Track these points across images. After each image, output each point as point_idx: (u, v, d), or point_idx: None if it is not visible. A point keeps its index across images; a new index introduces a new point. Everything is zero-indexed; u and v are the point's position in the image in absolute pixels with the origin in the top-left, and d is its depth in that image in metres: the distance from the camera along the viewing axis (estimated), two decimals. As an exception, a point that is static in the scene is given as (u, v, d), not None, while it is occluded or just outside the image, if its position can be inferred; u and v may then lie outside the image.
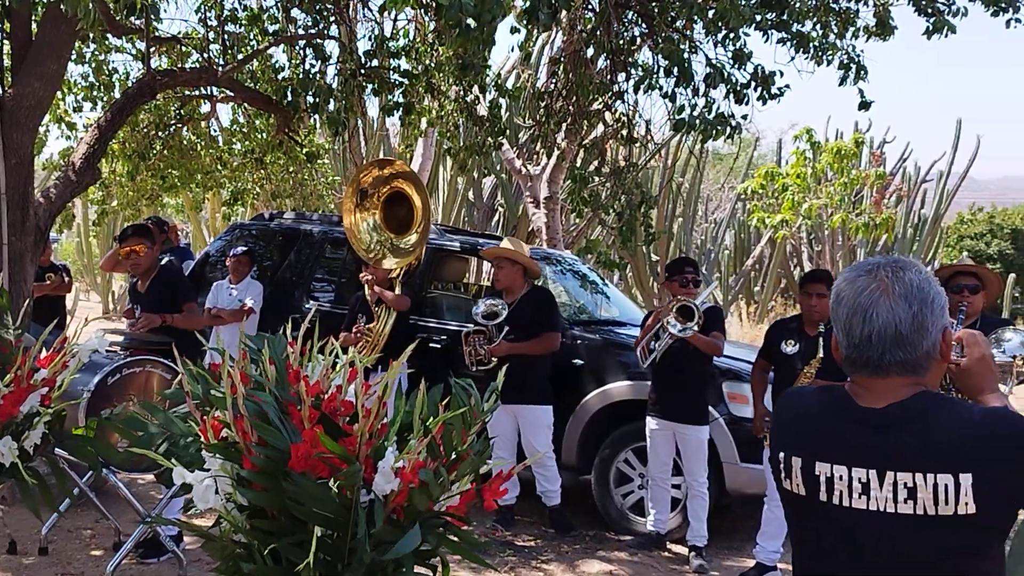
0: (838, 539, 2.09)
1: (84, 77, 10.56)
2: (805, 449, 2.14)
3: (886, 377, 2.09)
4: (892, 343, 2.07)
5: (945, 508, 1.95)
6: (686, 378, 6.66)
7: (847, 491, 2.06)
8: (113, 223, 19.68)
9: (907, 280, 2.09)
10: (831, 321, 2.21)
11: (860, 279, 2.13)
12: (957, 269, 6.23)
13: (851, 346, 2.13)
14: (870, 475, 2.03)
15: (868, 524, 2.04)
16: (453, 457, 3.47)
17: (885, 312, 2.07)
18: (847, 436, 2.08)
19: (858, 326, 2.10)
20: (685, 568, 6.59)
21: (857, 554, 2.07)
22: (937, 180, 25.22)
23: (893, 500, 2.00)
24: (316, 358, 3.94)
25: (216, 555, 3.50)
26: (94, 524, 6.65)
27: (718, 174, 36.82)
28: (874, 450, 2.04)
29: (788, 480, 2.18)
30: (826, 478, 2.09)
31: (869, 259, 2.21)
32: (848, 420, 2.10)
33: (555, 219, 11.58)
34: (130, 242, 6.53)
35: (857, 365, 2.13)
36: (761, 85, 7.86)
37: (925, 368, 2.09)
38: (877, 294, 2.09)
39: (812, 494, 2.12)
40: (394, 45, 9.55)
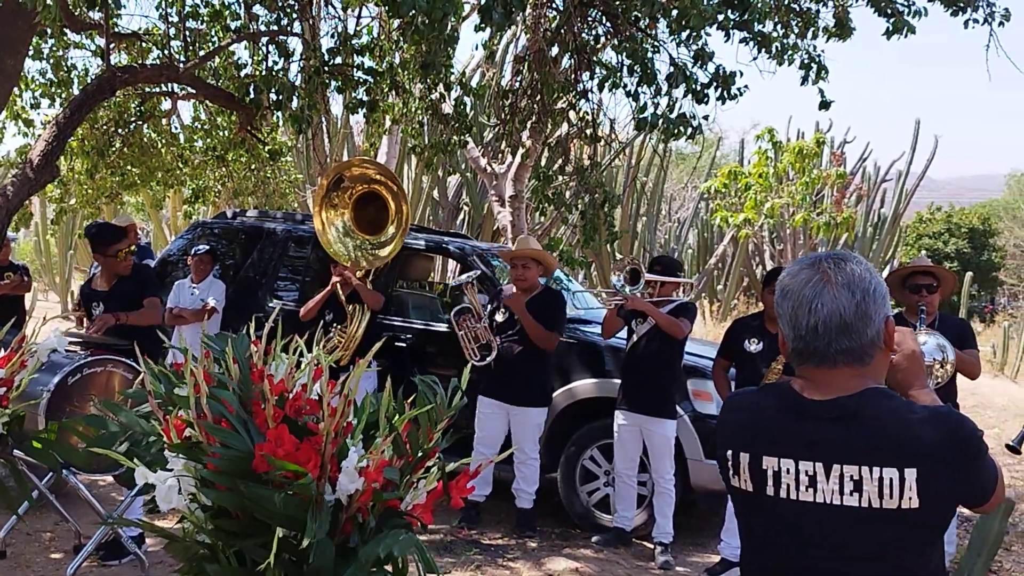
0: (785, 532, 2.11)
1: (42, 73, 10.43)
2: (752, 444, 2.16)
3: (833, 368, 2.11)
4: (838, 332, 2.09)
5: (889, 501, 1.99)
6: (655, 372, 6.68)
7: (794, 484, 2.08)
8: (72, 222, 19.47)
9: (849, 270, 2.13)
10: (779, 319, 2.22)
11: (803, 272, 2.16)
12: (914, 269, 6.30)
13: (798, 337, 2.15)
14: (817, 468, 2.06)
15: (814, 517, 2.06)
16: (419, 455, 3.44)
17: (830, 302, 2.10)
18: (794, 430, 2.11)
19: (804, 317, 2.12)
20: (651, 564, 6.60)
21: (803, 547, 2.09)
22: (896, 180, 25.46)
23: (839, 493, 2.03)
24: (280, 356, 3.90)
25: (179, 556, 3.46)
26: (54, 527, 6.56)
27: (681, 174, 36.96)
28: (821, 443, 2.06)
29: (736, 476, 2.19)
30: (773, 472, 2.11)
31: (811, 254, 2.25)
32: (795, 414, 2.12)
33: (520, 218, 11.55)
34: (122, 245, 6.42)
35: (804, 356, 2.15)
36: (721, 85, 7.89)
37: (871, 356, 2.12)
38: (821, 285, 2.12)
39: (759, 489, 2.13)
40: (358, 43, 9.50)
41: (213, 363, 3.76)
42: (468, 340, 7.12)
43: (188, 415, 3.40)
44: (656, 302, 6.74)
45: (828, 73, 8.75)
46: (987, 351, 23.01)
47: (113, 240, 6.42)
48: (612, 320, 6.90)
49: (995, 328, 24.91)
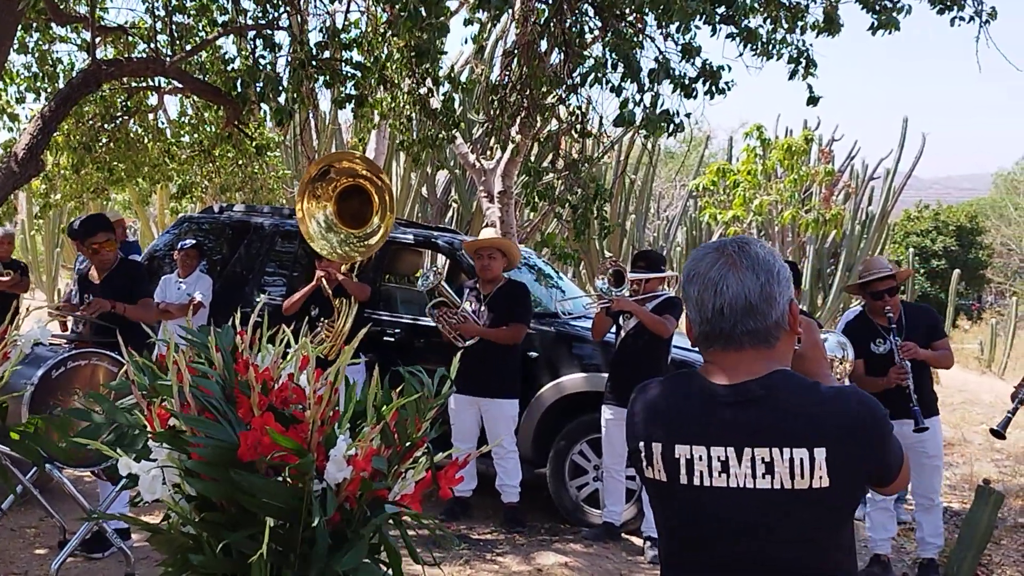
0: (701, 519, 2.10)
1: (27, 67, 10.34)
2: (663, 434, 2.15)
3: (740, 350, 2.11)
4: (743, 313, 2.09)
5: (801, 482, 2.00)
6: (643, 367, 6.64)
7: (707, 471, 2.07)
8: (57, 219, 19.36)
9: (752, 253, 2.14)
10: (685, 304, 2.23)
11: (708, 256, 2.17)
12: (872, 278, 6.36)
13: (704, 321, 2.14)
14: (728, 453, 2.05)
15: (729, 502, 2.05)
16: (408, 445, 3.40)
17: (735, 284, 2.10)
18: (703, 416, 2.10)
19: (709, 300, 2.12)
20: (640, 558, 6.59)
21: (720, 533, 2.08)
22: (884, 178, 25.48)
23: (752, 476, 2.03)
24: (266, 348, 3.86)
25: (163, 549, 3.41)
26: (38, 523, 6.53)
27: (670, 172, 36.99)
28: (731, 427, 2.06)
29: (649, 467, 2.17)
30: (686, 460, 2.10)
31: (712, 241, 2.26)
32: (703, 400, 2.12)
33: (509, 213, 11.51)
34: (98, 237, 6.36)
35: (710, 339, 2.14)
36: (709, 80, 7.87)
37: (776, 338, 2.13)
38: (726, 268, 2.12)
39: (673, 478, 2.12)
40: (346, 37, 9.44)
41: (196, 356, 3.72)
42: (447, 329, 7.12)
43: (172, 404, 3.35)
44: (642, 299, 6.74)
45: (817, 67, 8.73)
46: (974, 348, 23.11)
47: (87, 233, 6.37)
48: (601, 321, 6.93)
49: (982, 325, 24.98)
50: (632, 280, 6.76)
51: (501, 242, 7.48)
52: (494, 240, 7.45)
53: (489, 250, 7.23)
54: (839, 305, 21.79)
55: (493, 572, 6.14)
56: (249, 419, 3.19)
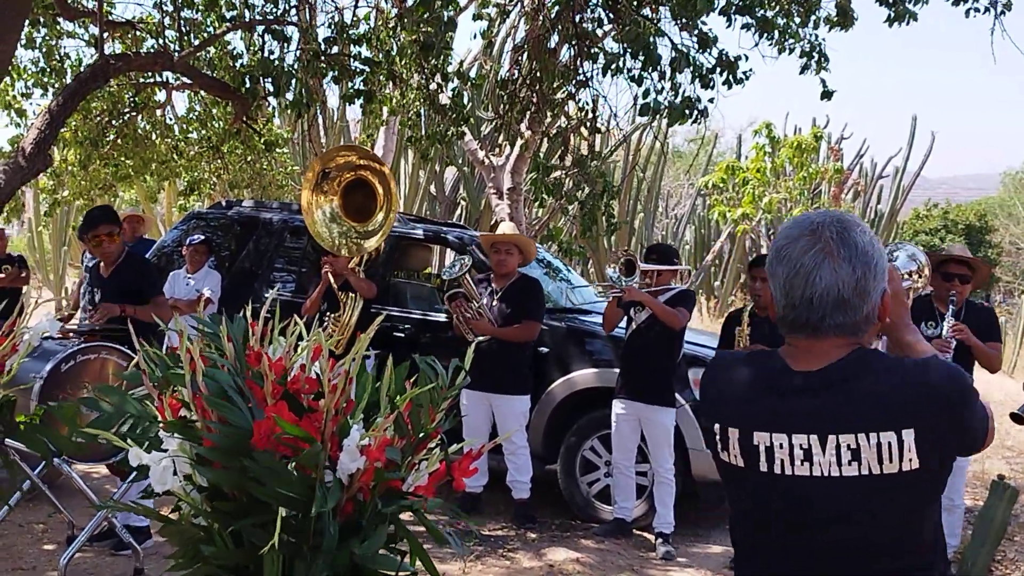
0: (782, 508, 2.03)
1: (34, 63, 10.33)
2: (741, 419, 2.07)
3: (824, 339, 2.03)
4: (834, 307, 2.00)
5: (890, 466, 1.92)
6: (653, 360, 6.63)
7: (788, 459, 1.99)
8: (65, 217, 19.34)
9: (852, 242, 2.02)
10: (771, 280, 2.11)
11: (804, 238, 2.05)
12: (951, 257, 6.19)
13: (790, 307, 2.05)
14: (811, 440, 1.97)
15: (813, 490, 1.98)
16: (421, 436, 3.36)
17: (828, 276, 2.00)
18: (784, 403, 2.02)
19: (799, 287, 2.02)
20: (651, 555, 6.54)
21: (802, 521, 2.01)
22: (893, 176, 25.43)
23: (837, 463, 1.95)
24: (277, 340, 3.81)
25: (174, 541, 3.37)
26: (47, 519, 6.50)
27: (678, 171, 36.93)
28: (813, 415, 1.98)
29: (725, 452, 2.09)
30: (765, 448, 2.01)
31: (810, 215, 2.11)
32: (784, 386, 2.03)
33: (518, 210, 11.47)
34: (100, 229, 6.30)
35: (795, 327, 2.06)
36: (726, 70, 7.82)
37: (863, 331, 2.04)
38: (821, 256, 2.01)
39: (751, 465, 2.04)
40: (355, 33, 9.41)
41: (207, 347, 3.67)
42: (461, 322, 7.06)
43: (183, 394, 3.31)
44: (654, 292, 6.69)
45: (829, 61, 8.68)
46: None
47: (89, 225, 6.31)
48: (612, 312, 6.87)
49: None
50: (644, 272, 6.70)
51: (518, 238, 7.43)
52: (512, 236, 7.41)
53: (506, 245, 7.19)
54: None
55: (504, 568, 6.09)
56: (263, 407, 3.15)
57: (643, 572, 6.20)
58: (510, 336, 6.98)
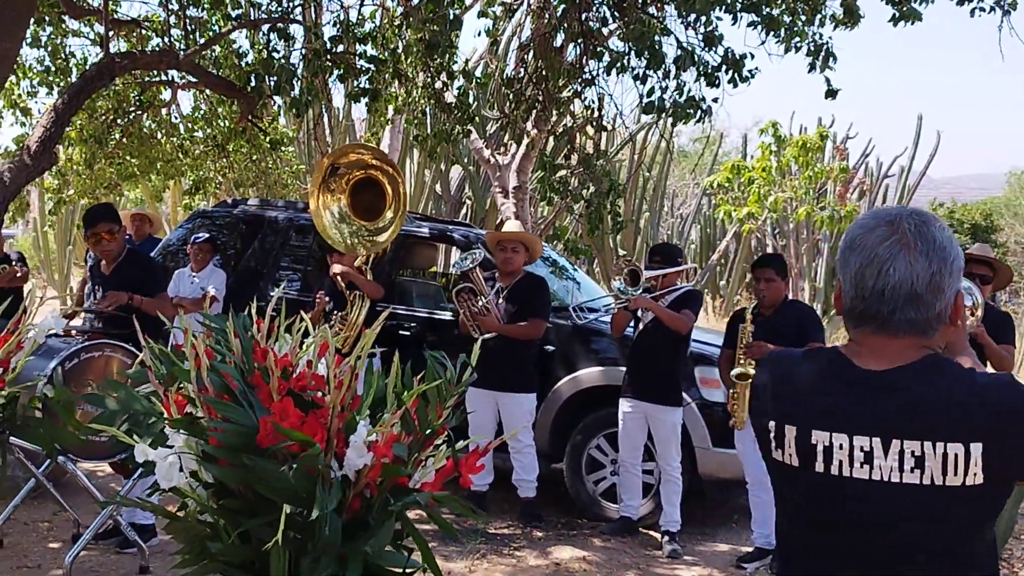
0: (835, 511, 1.95)
1: (40, 61, 10.32)
2: (799, 416, 1.99)
3: (893, 337, 1.95)
4: (905, 301, 1.93)
5: (953, 479, 1.83)
6: (661, 359, 6.61)
7: (847, 460, 1.91)
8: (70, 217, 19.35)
9: (930, 237, 1.94)
10: (841, 271, 2.03)
11: (879, 228, 1.97)
12: (972, 257, 6.14)
13: (860, 298, 1.97)
14: (873, 443, 1.89)
15: (870, 495, 1.90)
16: (428, 432, 3.34)
17: (903, 268, 1.92)
18: (847, 401, 1.94)
19: (871, 278, 1.95)
20: (658, 553, 6.52)
21: (854, 525, 1.93)
22: (898, 176, 25.38)
23: (899, 469, 1.86)
24: (283, 337, 3.80)
25: (180, 538, 3.36)
26: (51, 517, 6.48)
27: (683, 171, 36.91)
28: (878, 416, 1.90)
29: (780, 450, 2.03)
30: (824, 447, 1.94)
31: (888, 207, 2.06)
32: (848, 384, 1.95)
33: (524, 209, 11.47)
34: (99, 227, 6.27)
35: (863, 319, 1.98)
36: (732, 68, 7.79)
37: (934, 330, 1.96)
38: (897, 248, 1.94)
39: (807, 464, 1.97)
40: (360, 31, 9.40)
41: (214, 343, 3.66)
42: (468, 317, 7.03)
43: (189, 390, 3.29)
44: (660, 293, 6.68)
45: (836, 60, 8.64)
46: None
47: (89, 222, 6.27)
48: (620, 317, 6.86)
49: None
50: (649, 277, 6.69)
51: (525, 236, 7.41)
52: (518, 233, 7.39)
53: (513, 243, 7.17)
54: (853, 303, 21.69)
55: (510, 566, 6.08)
56: (268, 404, 3.13)
57: (649, 571, 6.18)
58: (516, 333, 6.96)
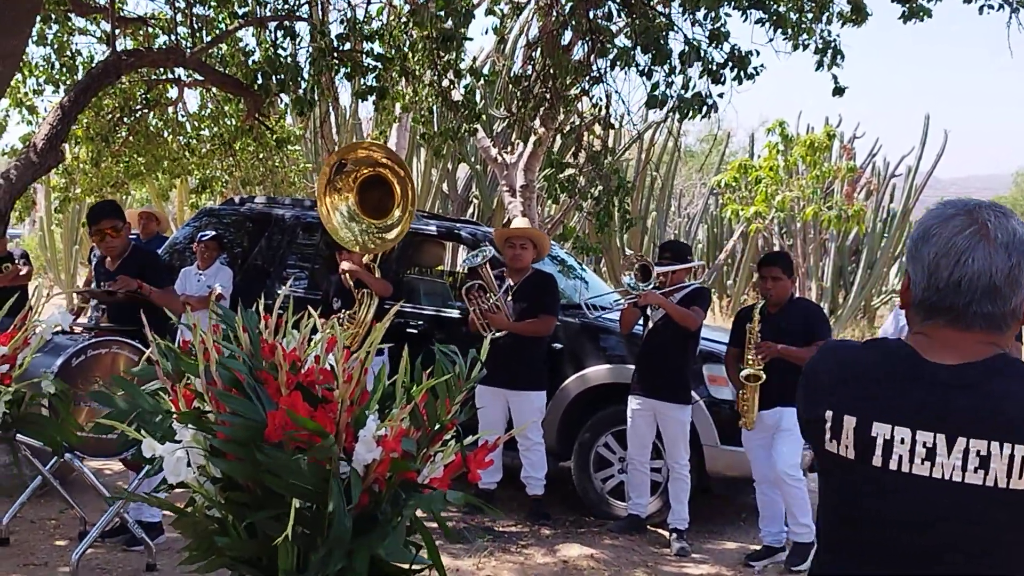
0: (889, 507, 1.87)
1: (46, 59, 10.30)
2: (861, 407, 1.91)
3: (966, 331, 1.88)
4: (983, 294, 1.86)
5: (1019, 482, 1.76)
6: (670, 357, 6.60)
7: (908, 455, 1.83)
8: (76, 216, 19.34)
9: (1011, 228, 1.87)
10: (912, 262, 1.96)
11: (957, 218, 1.91)
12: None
13: (933, 289, 1.90)
14: (937, 439, 1.81)
15: (928, 492, 1.82)
16: (437, 428, 3.32)
17: (982, 259, 1.85)
18: (913, 394, 1.86)
19: (947, 269, 1.88)
20: (666, 551, 6.50)
21: (909, 523, 1.86)
22: (905, 175, 25.31)
23: (962, 468, 1.79)
24: (291, 333, 3.78)
25: (188, 533, 3.34)
26: (59, 514, 6.47)
27: (690, 170, 36.84)
28: (944, 412, 1.82)
29: (835, 442, 1.94)
30: (884, 440, 1.85)
31: (961, 199, 1.98)
32: (915, 377, 1.87)
33: (531, 208, 11.44)
34: (103, 224, 6.24)
35: (936, 311, 1.91)
36: (737, 65, 7.77)
37: (1008, 326, 1.89)
38: (976, 238, 1.87)
39: (864, 457, 1.89)
40: (367, 29, 9.38)
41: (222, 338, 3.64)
42: (478, 315, 7.00)
43: (197, 385, 3.27)
44: (669, 290, 6.66)
45: (844, 58, 8.61)
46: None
47: (93, 219, 6.23)
48: (629, 314, 6.85)
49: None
50: (659, 273, 6.66)
51: (533, 232, 7.40)
52: (527, 230, 7.37)
53: (521, 239, 7.14)
54: (860, 303, 21.63)
55: (518, 564, 6.05)
56: (277, 399, 3.11)
57: (658, 568, 6.15)
58: (526, 330, 6.93)
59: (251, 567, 3.15)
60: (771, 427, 6.22)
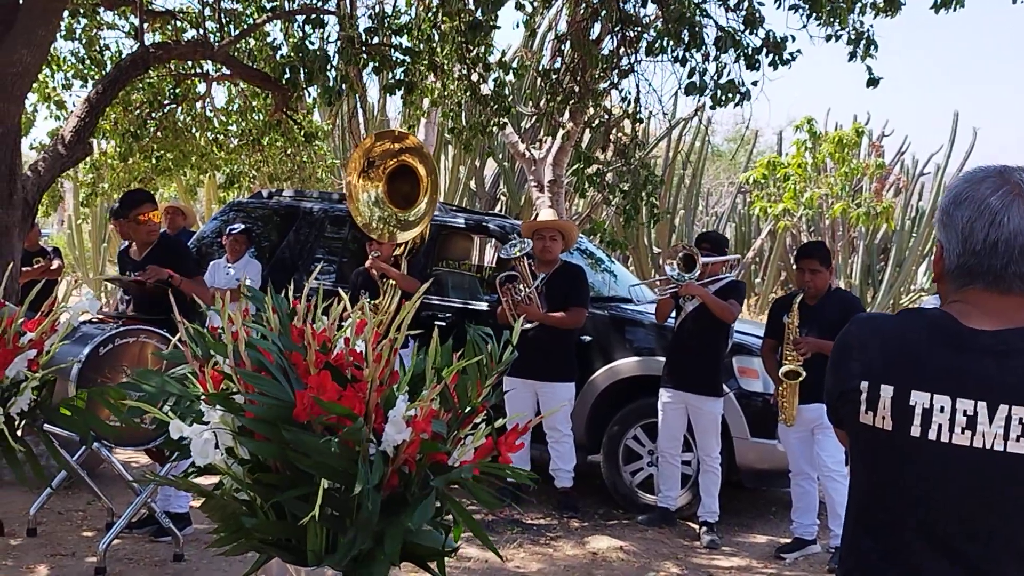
0: (926, 478, 1.81)
1: (74, 54, 10.33)
2: (898, 376, 1.84)
3: (1006, 294, 1.83)
4: (1020, 253, 1.81)
5: None
6: (702, 349, 6.55)
7: (947, 424, 1.77)
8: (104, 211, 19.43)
9: None
10: (944, 229, 1.91)
11: (989, 180, 1.86)
12: None
13: (969, 253, 1.85)
14: (979, 407, 1.75)
15: (968, 462, 1.76)
16: (467, 410, 3.27)
17: (1017, 218, 1.81)
18: (952, 361, 1.80)
19: (982, 230, 1.83)
20: (696, 544, 6.44)
21: (946, 496, 1.79)
22: (934, 174, 25.12)
23: (1004, 437, 1.73)
24: (320, 319, 3.74)
25: (215, 515, 3.30)
26: (86, 506, 6.48)
27: (718, 170, 36.71)
28: (985, 379, 1.76)
29: (871, 413, 1.87)
30: (923, 409, 1.79)
31: (991, 165, 1.93)
32: (954, 344, 1.82)
33: (559, 203, 11.41)
34: (143, 209, 6.21)
35: (973, 275, 1.86)
36: (772, 51, 7.69)
37: None
38: (1010, 198, 1.82)
39: (901, 428, 1.82)
40: (395, 23, 9.36)
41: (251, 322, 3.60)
42: (510, 306, 6.94)
43: (225, 366, 3.23)
44: (704, 282, 6.59)
45: (877, 48, 8.51)
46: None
47: (132, 204, 6.20)
48: (665, 304, 6.80)
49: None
50: (703, 262, 6.59)
51: (562, 224, 7.37)
52: (556, 221, 7.33)
53: (551, 231, 7.09)
54: (888, 302, 21.46)
55: (547, 556, 6.01)
56: (306, 379, 3.06)
57: (688, 561, 6.09)
58: (559, 322, 6.87)
59: (279, 549, 3.11)
60: (810, 421, 6.13)
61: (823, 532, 6.38)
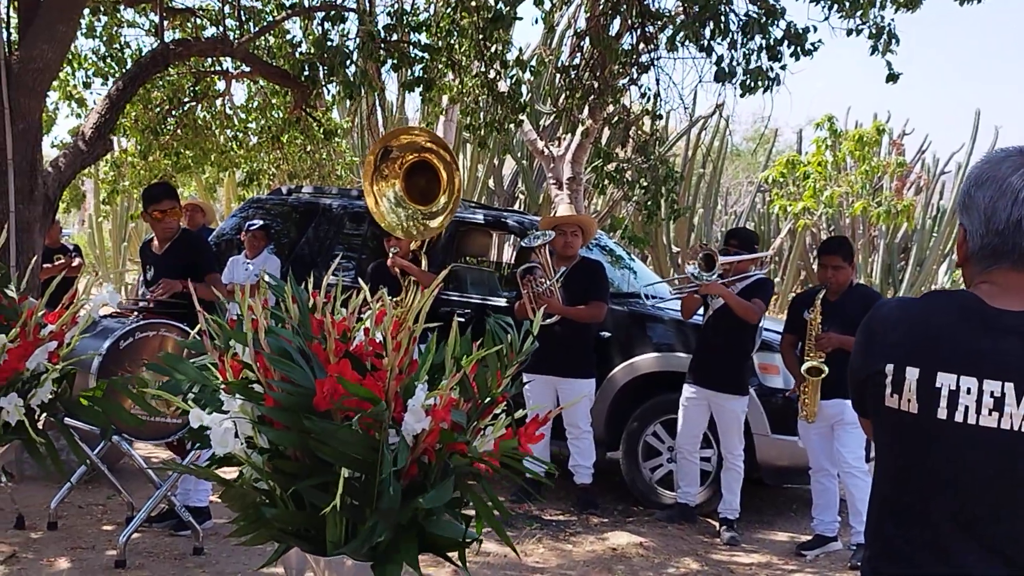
0: (953, 461, 1.79)
1: (95, 52, 10.37)
2: (924, 358, 1.82)
3: None
4: None
5: None
6: (728, 347, 6.50)
7: (975, 406, 1.75)
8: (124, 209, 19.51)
9: None
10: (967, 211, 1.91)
11: (1011, 159, 1.85)
12: None
13: (992, 232, 1.84)
14: (1006, 388, 1.73)
15: (995, 444, 1.74)
16: (487, 400, 3.25)
17: None
18: (978, 342, 1.78)
19: (1005, 209, 1.82)
20: (716, 540, 6.41)
21: (974, 478, 1.77)
22: (955, 172, 24.99)
23: None
24: (340, 311, 3.73)
25: (235, 505, 3.29)
26: (106, 500, 6.50)
27: (736, 169, 36.61)
28: (1012, 360, 1.75)
29: (896, 396, 1.85)
30: (950, 391, 1.77)
31: (1013, 146, 1.91)
32: (980, 325, 1.80)
33: (578, 200, 11.39)
34: (162, 204, 6.20)
35: (998, 255, 1.84)
36: (794, 41, 7.67)
37: None
38: None
39: (928, 410, 1.80)
40: (414, 20, 9.36)
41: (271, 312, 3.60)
42: (530, 298, 6.92)
43: (244, 354, 3.23)
44: (732, 280, 6.55)
45: (899, 43, 8.46)
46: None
47: (152, 199, 6.21)
48: (691, 301, 6.73)
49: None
50: (723, 263, 6.55)
51: (583, 218, 7.35)
52: (576, 216, 7.32)
53: (571, 227, 7.07)
54: (910, 301, 21.37)
55: (566, 552, 5.99)
56: (325, 367, 3.06)
57: (707, 557, 6.06)
58: (579, 316, 6.85)
59: (299, 538, 3.10)
60: (831, 417, 6.09)
61: (844, 529, 6.35)
